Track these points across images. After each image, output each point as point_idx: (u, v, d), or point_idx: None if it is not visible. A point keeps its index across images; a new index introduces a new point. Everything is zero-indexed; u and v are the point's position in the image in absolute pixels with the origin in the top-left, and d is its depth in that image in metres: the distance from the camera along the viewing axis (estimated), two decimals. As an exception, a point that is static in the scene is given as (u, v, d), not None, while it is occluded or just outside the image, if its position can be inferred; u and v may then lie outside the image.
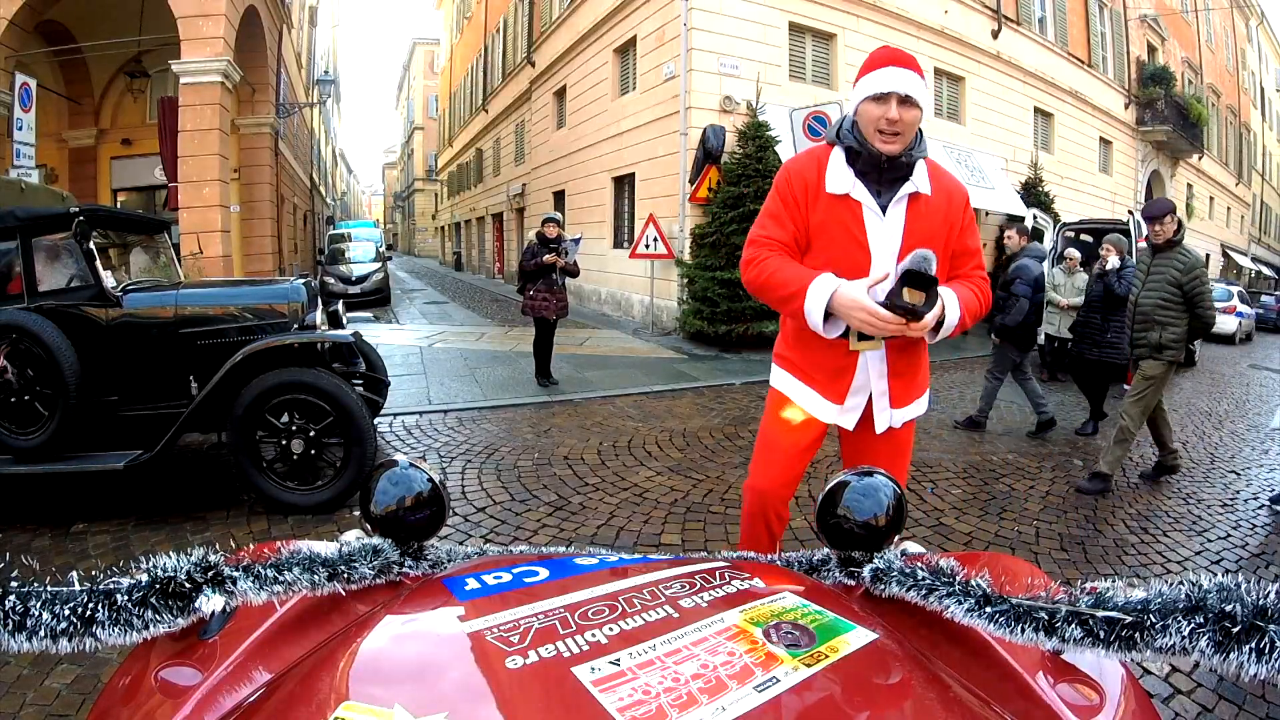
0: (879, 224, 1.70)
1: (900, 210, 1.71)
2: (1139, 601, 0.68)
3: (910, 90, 1.63)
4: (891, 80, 1.63)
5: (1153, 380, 4.18)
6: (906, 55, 1.69)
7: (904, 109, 1.63)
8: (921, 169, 1.74)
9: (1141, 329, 4.19)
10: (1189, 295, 4.00)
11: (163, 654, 0.79)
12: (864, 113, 1.68)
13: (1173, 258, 4.07)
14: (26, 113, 8.50)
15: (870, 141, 1.68)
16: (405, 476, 1.01)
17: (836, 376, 1.80)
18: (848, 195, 1.70)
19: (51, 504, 3.53)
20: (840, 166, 1.72)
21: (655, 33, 10.80)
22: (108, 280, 3.44)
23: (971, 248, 1.84)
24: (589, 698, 0.59)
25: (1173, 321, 4.07)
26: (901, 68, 1.65)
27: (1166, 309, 4.07)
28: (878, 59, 1.69)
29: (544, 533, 3.35)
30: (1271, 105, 30.49)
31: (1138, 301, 4.22)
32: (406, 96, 49.67)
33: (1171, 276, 4.05)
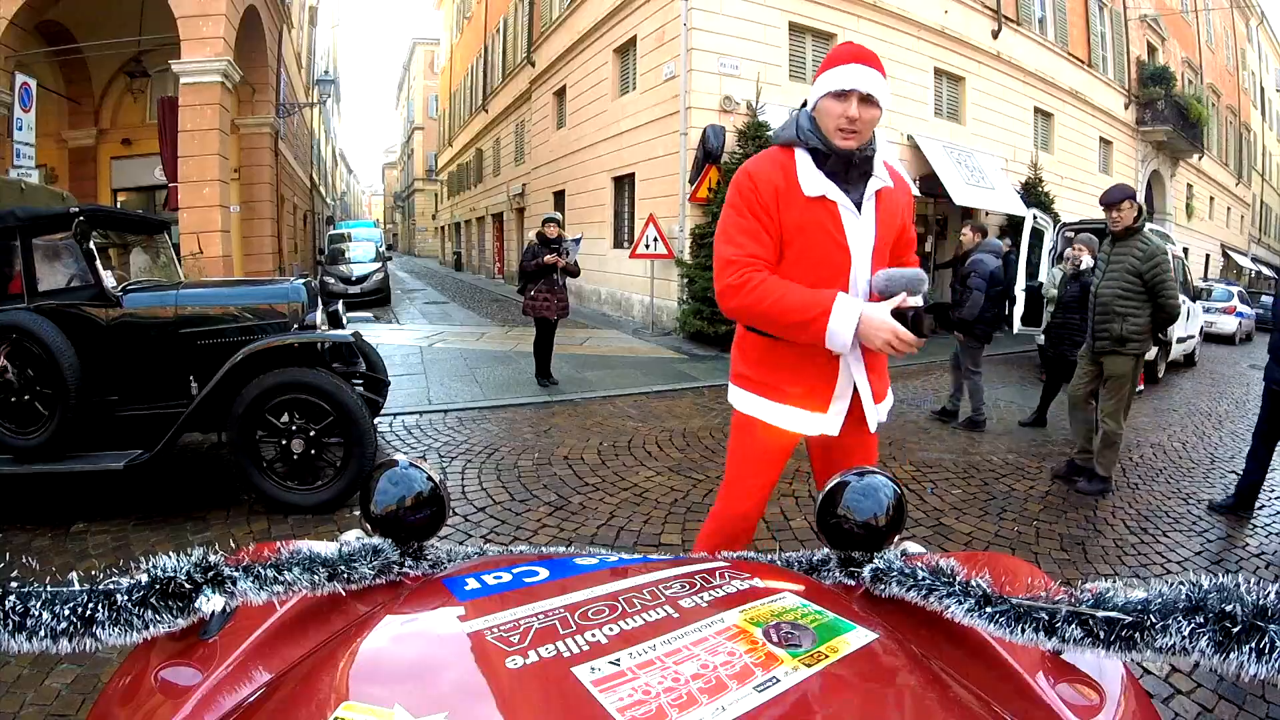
0: (856, 223, 1.69)
1: (872, 206, 1.71)
2: (1139, 601, 0.68)
3: (872, 88, 1.61)
4: (854, 77, 1.60)
5: (1124, 378, 4.08)
6: (870, 53, 1.66)
7: (864, 107, 1.61)
8: (879, 162, 1.75)
9: (1102, 321, 4.05)
10: (1150, 284, 3.86)
11: (163, 654, 0.79)
12: (825, 109, 1.65)
13: (1132, 245, 3.93)
14: (26, 113, 8.50)
15: (829, 138, 1.65)
16: (405, 476, 1.01)
17: (819, 386, 1.75)
18: (824, 197, 1.67)
19: (51, 504, 3.53)
20: (810, 168, 1.68)
21: (655, 33, 10.80)
22: (108, 280, 3.44)
23: (912, 238, 1.91)
24: (589, 698, 0.59)
25: (1134, 312, 3.94)
26: (865, 65, 1.62)
27: (1127, 299, 3.93)
28: (841, 55, 1.66)
29: (544, 533, 3.35)
30: (1271, 105, 30.50)
31: (1097, 292, 4.10)
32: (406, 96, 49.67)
33: (1131, 265, 3.91)
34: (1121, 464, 4.76)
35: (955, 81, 13.10)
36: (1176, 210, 21.22)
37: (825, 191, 1.66)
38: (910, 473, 4.37)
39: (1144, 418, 6.33)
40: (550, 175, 16.03)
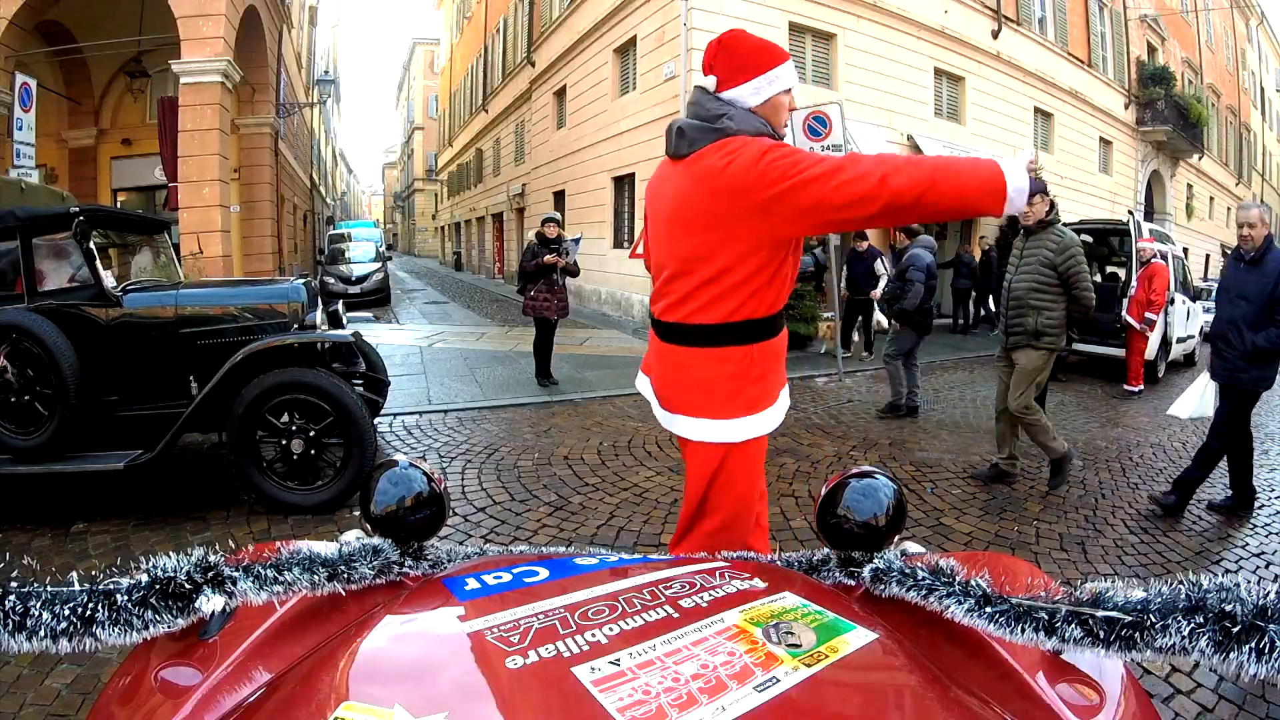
0: None
1: None
2: (1139, 601, 0.68)
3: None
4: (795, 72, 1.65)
5: (1034, 372, 4.00)
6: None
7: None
8: None
9: (1016, 315, 4.00)
10: (1064, 276, 3.84)
11: (163, 654, 0.79)
12: (780, 105, 1.61)
13: (1045, 239, 3.91)
14: (26, 113, 8.50)
15: (778, 131, 1.63)
16: (405, 476, 1.01)
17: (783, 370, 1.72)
18: None
19: (51, 504, 3.53)
20: None
21: (655, 33, 10.81)
22: (108, 280, 3.44)
23: None
24: (589, 698, 0.59)
25: (1048, 305, 3.90)
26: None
27: (1042, 292, 3.91)
28: (777, 51, 1.62)
29: (544, 533, 3.35)
30: (1271, 105, 30.49)
31: (1010, 286, 4.05)
32: (406, 96, 49.67)
33: (1044, 258, 3.89)
34: (1121, 464, 4.76)
35: (955, 81, 13.11)
36: (1176, 210, 21.22)
37: None
38: (910, 473, 4.37)
39: (1144, 418, 6.33)
40: (550, 175, 16.04)
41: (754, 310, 1.57)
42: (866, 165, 1.42)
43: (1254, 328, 3.60)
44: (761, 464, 1.69)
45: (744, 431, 1.60)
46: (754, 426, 1.61)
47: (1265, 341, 3.55)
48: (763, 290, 1.56)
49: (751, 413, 1.60)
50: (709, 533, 1.65)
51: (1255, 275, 3.62)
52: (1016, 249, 4.13)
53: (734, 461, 1.61)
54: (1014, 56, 13.85)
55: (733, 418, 1.59)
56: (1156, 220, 18.95)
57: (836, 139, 7.13)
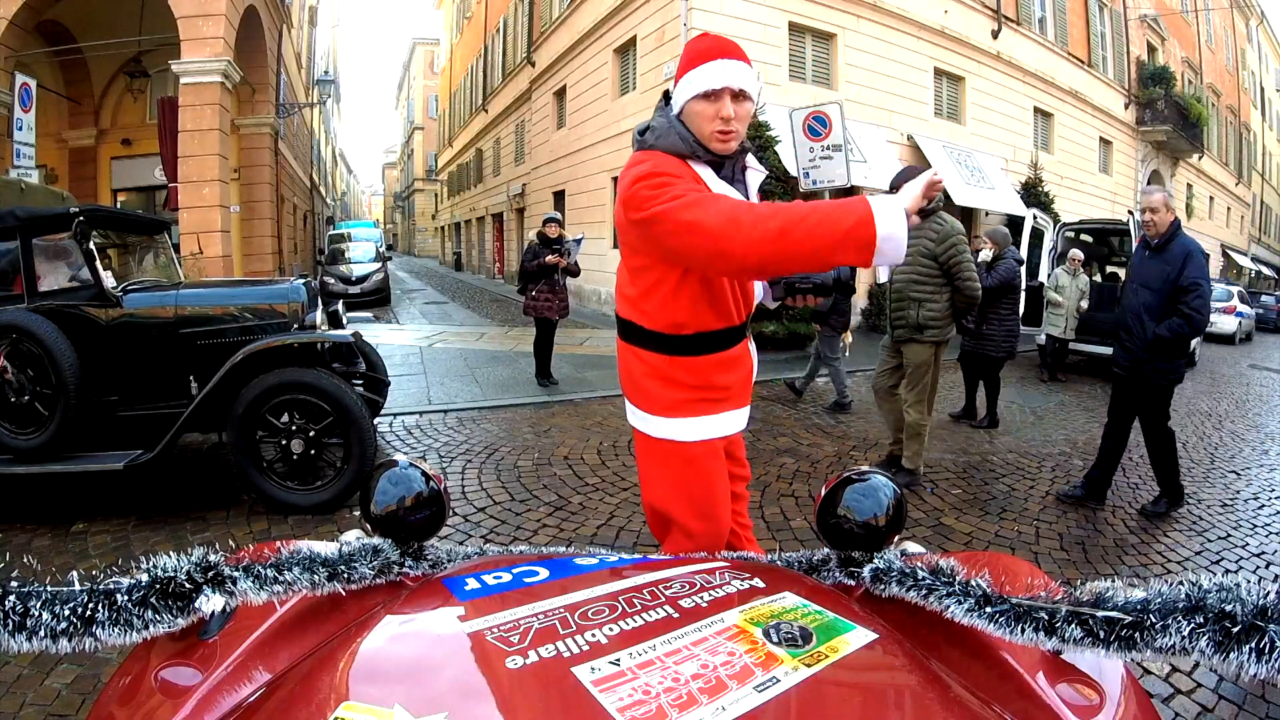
0: None
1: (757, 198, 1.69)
2: (1139, 601, 0.68)
3: (744, 84, 1.47)
4: (724, 74, 1.44)
5: (922, 367, 3.90)
6: (733, 44, 1.50)
7: (739, 104, 1.48)
8: (751, 158, 1.68)
9: (898, 308, 3.88)
10: (946, 267, 3.70)
11: (163, 654, 0.79)
12: (695, 112, 1.48)
13: (925, 228, 3.72)
14: (26, 113, 8.50)
15: (707, 144, 1.50)
16: (405, 476, 1.01)
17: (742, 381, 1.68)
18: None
19: (51, 504, 3.53)
20: (712, 178, 1.54)
21: (655, 33, 10.81)
22: (108, 280, 3.44)
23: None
24: (589, 698, 0.59)
25: (930, 298, 3.77)
26: (732, 59, 1.46)
27: (922, 284, 3.77)
28: (704, 50, 1.48)
29: (544, 533, 3.35)
30: (1271, 105, 30.49)
31: (891, 279, 3.92)
32: (406, 96, 49.66)
33: (925, 248, 3.71)
34: (1122, 464, 4.76)
35: (955, 81, 13.11)
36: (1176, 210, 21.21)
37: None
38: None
39: (1144, 418, 6.33)
40: (550, 175, 16.03)
41: (656, 323, 1.56)
42: (718, 209, 1.35)
43: (1156, 317, 3.47)
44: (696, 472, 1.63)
45: (662, 430, 1.61)
46: (675, 429, 1.60)
47: (1167, 331, 3.42)
48: (666, 306, 1.54)
49: (670, 416, 1.60)
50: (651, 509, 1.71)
51: (1158, 263, 3.50)
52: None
53: (658, 455, 1.64)
54: (1014, 56, 13.85)
55: (652, 414, 1.62)
56: (1156, 220, 18.92)
57: (836, 139, 7.13)
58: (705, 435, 1.62)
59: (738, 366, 1.65)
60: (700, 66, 1.47)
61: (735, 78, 1.45)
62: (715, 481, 1.65)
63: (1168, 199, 3.55)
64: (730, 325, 1.60)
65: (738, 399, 1.67)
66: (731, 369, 1.63)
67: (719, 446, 1.66)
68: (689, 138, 1.50)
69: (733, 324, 1.60)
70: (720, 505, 1.66)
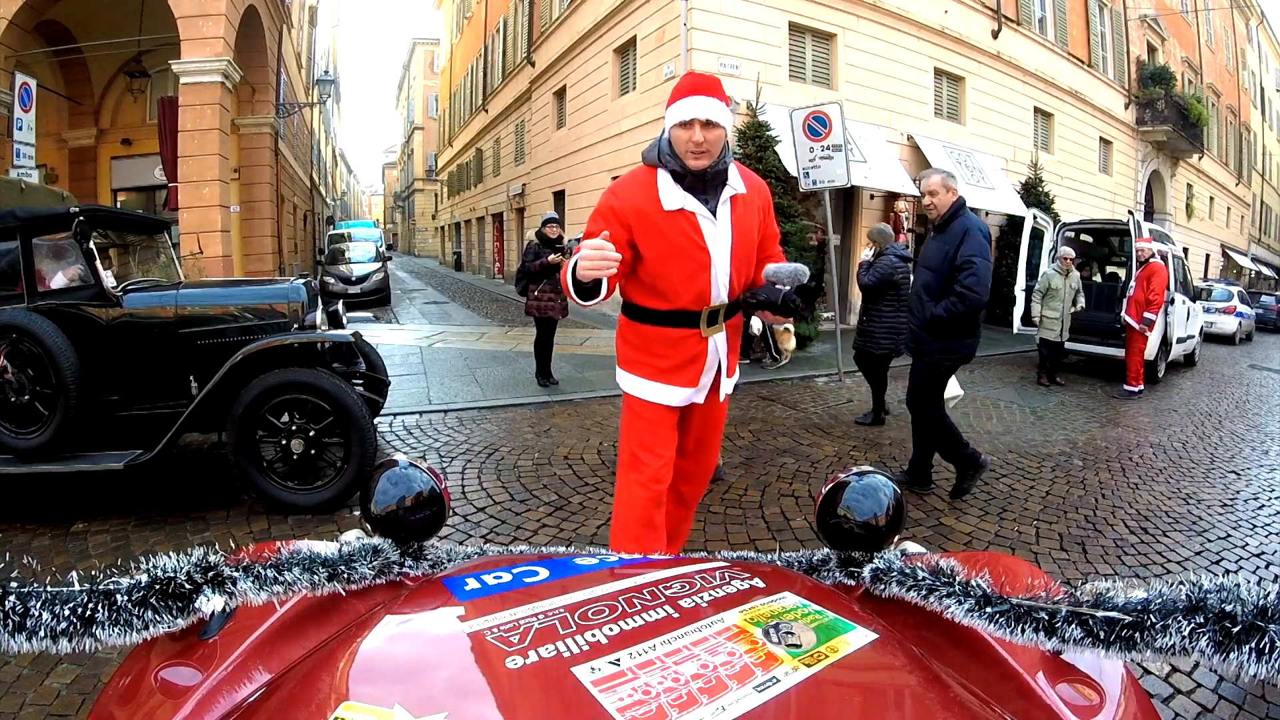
0: (713, 228, 1.98)
1: (726, 211, 2.00)
2: (1139, 601, 0.68)
3: (710, 115, 1.84)
4: (693, 108, 1.85)
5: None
6: (707, 82, 1.89)
7: (707, 130, 1.86)
8: (734, 172, 2.02)
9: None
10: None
11: (163, 654, 0.79)
12: (675, 136, 1.91)
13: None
14: (26, 113, 8.50)
15: (684, 160, 1.91)
16: (405, 476, 1.01)
17: (691, 364, 2.08)
18: (683, 209, 1.96)
19: (51, 504, 3.53)
20: (669, 186, 1.96)
21: (655, 33, 10.80)
22: (108, 280, 3.44)
23: (776, 231, 2.22)
24: (589, 698, 0.59)
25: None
26: (701, 95, 1.86)
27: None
28: (681, 88, 1.90)
29: (544, 533, 3.35)
30: (1271, 105, 30.48)
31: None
32: (406, 96, 49.66)
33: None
34: (1121, 464, 4.76)
35: (955, 81, 13.10)
36: (1176, 210, 21.22)
37: (683, 204, 1.95)
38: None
39: (1144, 418, 6.34)
40: (550, 175, 16.03)
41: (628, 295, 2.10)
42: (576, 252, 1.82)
43: (935, 297, 3.46)
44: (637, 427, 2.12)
45: (621, 378, 2.17)
46: (625, 381, 2.15)
47: (943, 310, 3.40)
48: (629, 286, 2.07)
49: (624, 369, 2.15)
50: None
51: (938, 242, 3.49)
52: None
53: (624, 400, 2.17)
54: (1014, 56, 13.85)
55: (618, 364, 2.19)
56: (1156, 220, 18.96)
57: (836, 139, 7.12)
58: (646, 396, 2.10)
59: (681, 348, 2.06)
60: (678, 102, 1.88)
61: (703, 110, 1.85)
62: (648, 436, 2.10)
63: (946, 179, 3.55)
64: (674, 309, 2.02)
65: (680, 379, 2.08)
66: (674, 346, 2.06)
67: (662, 413, 2.10)
68: (665, 152, 1.96)
69: (677, 308, 2.02)
70: (650, 454, 2.09)
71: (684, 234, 1.96)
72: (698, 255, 1.97)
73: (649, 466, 2.10)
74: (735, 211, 2.01)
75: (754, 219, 2.06)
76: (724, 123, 1.88)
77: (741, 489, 3.95)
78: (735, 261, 2.02)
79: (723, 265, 2.00)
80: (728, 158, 1.97)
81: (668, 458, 2.13)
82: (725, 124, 1.88)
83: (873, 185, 10.76)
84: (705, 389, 2.14)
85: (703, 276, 1.98)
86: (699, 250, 1.97)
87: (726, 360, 2.15)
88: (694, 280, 1.98)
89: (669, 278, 1.98)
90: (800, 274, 1.95)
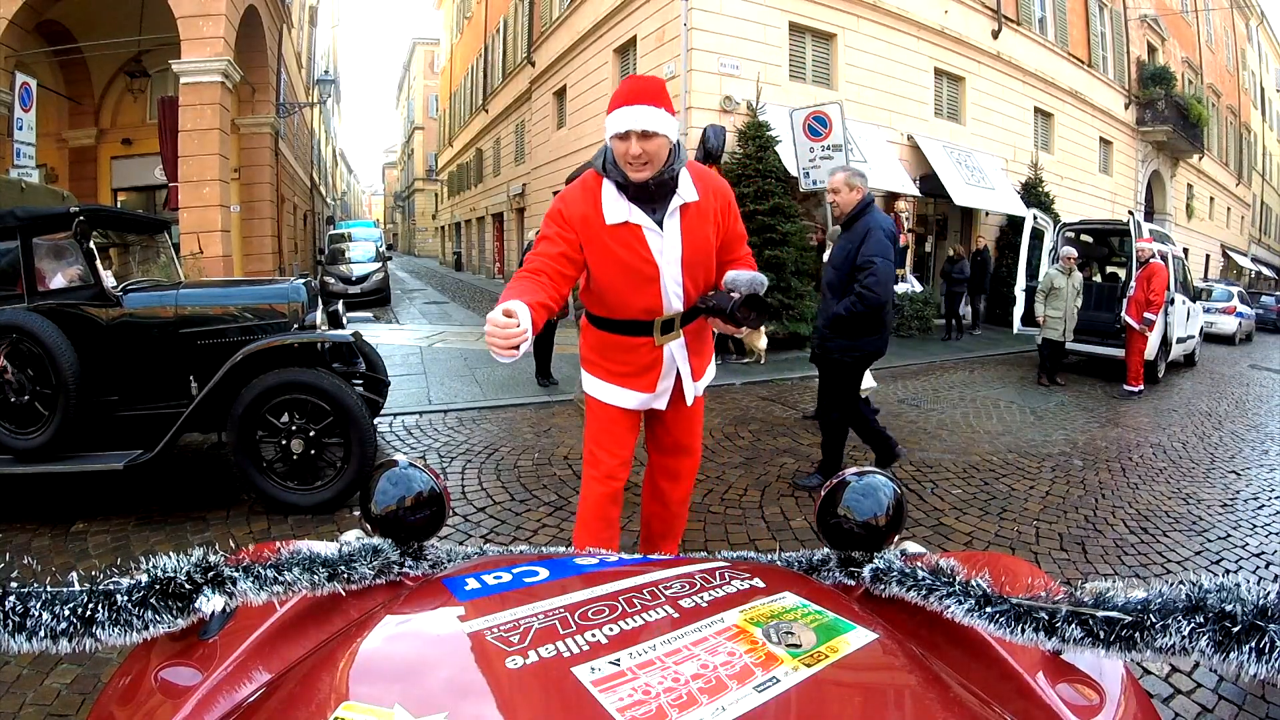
0: (659, 239, 1.89)
1: (675, 222, 1.90)
2: (1139, 601, 0.68)
3: (647, 125, 1.73)
4: (628, 119, 1.74)
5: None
6: (645, 88, 1.77)
7: (644, 141, 1.75)
8: (685, 178, 1.90)
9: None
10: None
11: (163, 654, 0.79)
12: (614, 148, 1.81)
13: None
14: (26, 113, 8.50)
15: (625, 171, 1.81)
16: (405, 476, 1.01)
17: (646, 371, 2.05)
18: (627, 222, 1.87)
19: (51, 504, 3.53)
20: (613, 197, 1.87)
21: (655, 33, 10.80)
22: (108, 280, 3.44)
23: (742, 232, 2.10)
24: (589, 698, 0.59)
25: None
26: (635, 105, 1.74)
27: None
28: (615, 98, 1.79)
29: (544, 533, 3.35)
30: (1271, 105, 30.48)
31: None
32: (406, 96, 49.65)
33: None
34: (1121, 464, 4.76)
35: (955, 81, 13.10)
36: (1176, 210, 21.22)
37: (627, 217, 1.87)
38: (910, 473, 4.36)
39: (1144, 418, 6.33)
40: (550, 175, 16.02)
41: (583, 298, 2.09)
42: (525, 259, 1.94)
43: (838, 295, 3.44)
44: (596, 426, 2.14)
45: (583, 377, 2.16)
46: (584, 380, 2.15)
47: (844, 309, 3.39)
48: (586, 291, 2.06)
49: (583, 368, 2.16)
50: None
51: (843, 241, 3.47)
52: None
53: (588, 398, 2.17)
54: (1014, 56, 13.84)
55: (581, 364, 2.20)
56: (1157, 220, 18.95)
57: (836, 139, 7.12)
58: (602, 397, 2.10)
59: (636, 355, 2.03)
60: (612, 113, 1.78)
61: (639, 121, 1.73)
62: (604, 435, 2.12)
63: (850, 178, 3.52)
64: (626, 319, 1.99)
65: (636, 384, 2.06)
66: (628, 353, 2.04)
67: (618, 414, 2.10)
68: (609, 162, 1.87)
69: (628, 319, 1.99)
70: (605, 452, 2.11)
71: (629, 248, 1.88)
72: (644, 269, 1.90)
73: (604, 464, 2.10)
74: (686, 221, 1.91)
75: (708, 226, 1.95)
76: (665, 131, 1.76)
77: (741, 489, 3.95)
78: (688, 271, 1.94)
79: (673, 277, 1.93)
80: (677, 164, 1.86)
81: (623, 457, 2.13)
82: (666, 132, 1.77)
83: (872, 185, 10.75)
84: (665, 394, 2.11)
85: (651, 290, 1.93)
86: (645, 264, 1.89)
87: (688, 365, 2.09)
88: (642, 293, 1.93)
89: (616, 291, 1.94)
90: (758, 284, 1.89)
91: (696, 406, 2.23)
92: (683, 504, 2.48)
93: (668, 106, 1.79)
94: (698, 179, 1.94)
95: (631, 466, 2.23)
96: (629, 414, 2.12)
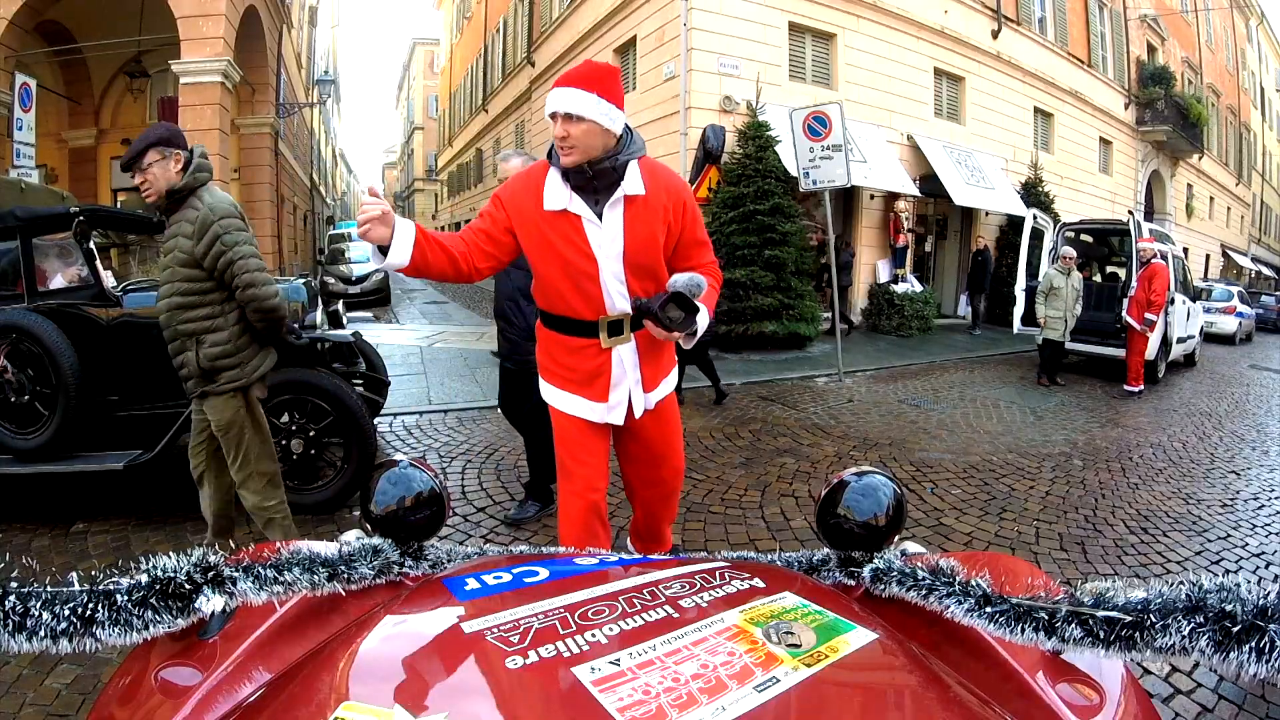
0: (598, 231, 1.83)
1: (617, 214, 1.83)
2: (1139, 601, 0.68)
3: (570, 108, 1.71)
4: (554, 101, 1.75)
5: (232, 428, 2.54)
6: (580, 73, 1.76)
7: (569, 124, 1.73)
8: (634, 171, 1.84)
9: (174, 350, 2.59)
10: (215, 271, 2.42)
11: (163, 654, 0.79)
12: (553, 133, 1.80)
13: (181, 220, 2.42)
14: (26, 113, 8.50)
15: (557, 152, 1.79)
16: (405, 476, 1.01)
17: (594, 377, 1.95)
18: (565, 210, 1.82)
19: (51, 504, 3.53)
20: (556, 184, 1.83)
21: (655, 33, 10.80)
22: (108, 280, 3.44)
23: (701, 239, 2.02)
24: (589, 698, 0.59)
25: (209, 326, 2.50)
26: (565, 87, 1.74)
27: (193, 308, 2.50)
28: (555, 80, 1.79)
29: (544, 533, 3.34)
30: (1271, 105, 30.48)
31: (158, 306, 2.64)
32: (406, 96, 49.66)
33: (182, 252, 2.40)
34: (1121, 464, 4.76)
35: (955, 81, 13.10)
36: (1176, 210, 21.23)
37: (567, 205, 1.82)
38: (910, 473, 4.37)
39: (1144, 418, 6.33)
40: (550, 175, 16.02)
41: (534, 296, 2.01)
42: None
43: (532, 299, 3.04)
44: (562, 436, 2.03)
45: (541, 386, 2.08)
46: (543, 389, 2.06)
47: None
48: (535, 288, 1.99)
49: (540, 375, 2.07)
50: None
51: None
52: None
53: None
54: (1014, 56, 13.84)
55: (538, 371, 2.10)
56: (1156, 220, 18.95)
57: (836, 139, 7.12)
58: (560, 406, 2.01)
59: (582, 358, 1.94)
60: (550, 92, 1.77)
61: (562, 104, 1.73)
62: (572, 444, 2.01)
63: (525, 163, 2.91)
64: (571, 316, 1.92)
65: (589, 393, 1.97)
66: (575, 355, 1.95)
67: (581, 424, 2.00)
68: (554, 149, 1.83)
69: (574, 316, 1.92)
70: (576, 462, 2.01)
71: (566, 237, 1.82)
72: (581, 261, 1.83)
73: (577, 475, 2.01)
74: (629, 214, 1.83)
75: (655, 223, 1.85)
76: (592, 116, 1.71)
77: (741, 489, 3.95)
78: (630, 268, 1.85)
79: (613, 273, 1.84)
80: (622, 155, 1.79)
81: (595, 466, 2.02)
82: (595, 118, 1.71)
83: (873, 185, 10.77)
84: (619, 407, 1.98)
85: (590, 284, 1.85)
86: (583, 256, 1.82)
87: (638, 373, 1.97)
88: (581, 287, 1.86)
89: (555, 283, 1.87)
90: (694, 285, 1.78)
91: (663, 417, 2.10)
92: (665, 514, 2.34)
93: (607, 94, 1.74)
94: (648, 173, 1.86)
95: (609, 474, 2.13)
96: (592, 424, 2.02)
